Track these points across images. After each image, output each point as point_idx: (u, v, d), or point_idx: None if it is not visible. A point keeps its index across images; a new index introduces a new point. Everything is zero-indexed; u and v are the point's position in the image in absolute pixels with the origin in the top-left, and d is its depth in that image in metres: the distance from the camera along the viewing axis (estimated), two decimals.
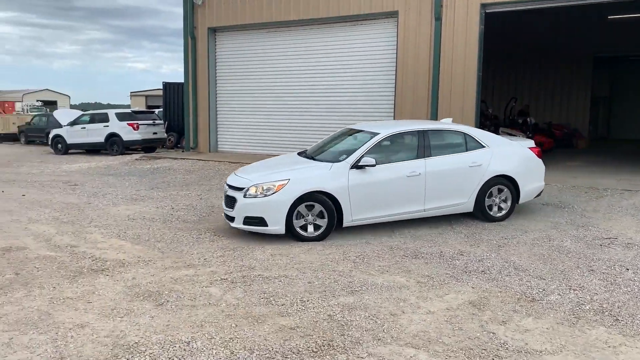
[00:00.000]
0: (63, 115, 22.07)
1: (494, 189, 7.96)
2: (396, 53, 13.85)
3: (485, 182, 7.82)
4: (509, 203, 8.08)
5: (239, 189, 7.19)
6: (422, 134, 7.75)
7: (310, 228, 7.10)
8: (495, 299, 4.98)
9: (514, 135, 14.24)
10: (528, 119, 18.36)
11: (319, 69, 15.56)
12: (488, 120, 17.30)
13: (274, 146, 16.24)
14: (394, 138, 7.82)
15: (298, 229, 7.04)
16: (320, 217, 7.09)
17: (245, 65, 16.64)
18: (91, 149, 20.46)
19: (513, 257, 6.28)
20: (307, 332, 4.30)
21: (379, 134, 7.60)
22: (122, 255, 6.47)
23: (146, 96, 70.61)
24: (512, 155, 8.16)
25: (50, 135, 20.89)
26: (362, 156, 7.26)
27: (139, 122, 19.76)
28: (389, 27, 14.14)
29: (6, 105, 59.32)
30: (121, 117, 19.85)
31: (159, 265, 6.07)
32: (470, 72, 12.91)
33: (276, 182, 7.07)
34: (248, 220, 7.08)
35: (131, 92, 74.23)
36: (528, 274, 5.66)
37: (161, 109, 24.49)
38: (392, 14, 13.85)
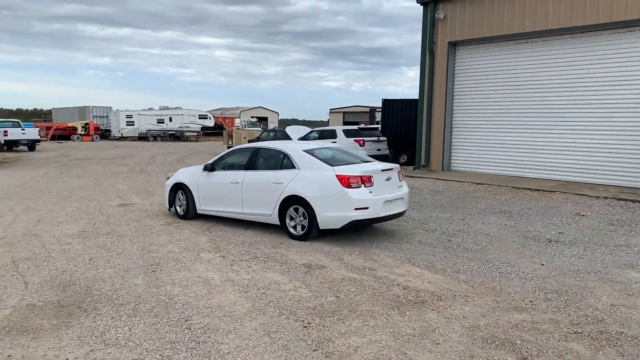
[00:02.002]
0: (294, 131, 23.51)
1: (292, 209, 8.18)
2: None
3: (283, 199, 8.22)
4: (307, 224, 8.03)
5: None
6: (256, 150, 9.11)
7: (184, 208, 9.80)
8: None
9: None
10: None
11: (574, 83, 13.87)
12: None
13: (515, 167, 14.93)
14: (240, 151, 9.49)
15: (177, 209, 9.93)
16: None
17: (485, 80, 15.65)
18: None
19: None
20: None
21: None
22: (429, 286, 5.97)
23: (344, 113, 73.82)
24: (314, 179, 8.06)
25: None
26: (210, 162, 9.52)
27: (365, 138, 20.02)
28: None
29: (226, 120, 66.93)
30: (348, 133, 20.33)
31: (481, 303, 5.41)
32: None
33: (170, 173, 10.76)
34: None
35: (330, 109, 78.38)
36: None
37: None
38: None
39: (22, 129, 31.95)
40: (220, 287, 5.83)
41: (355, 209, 7.74)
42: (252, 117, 72.21)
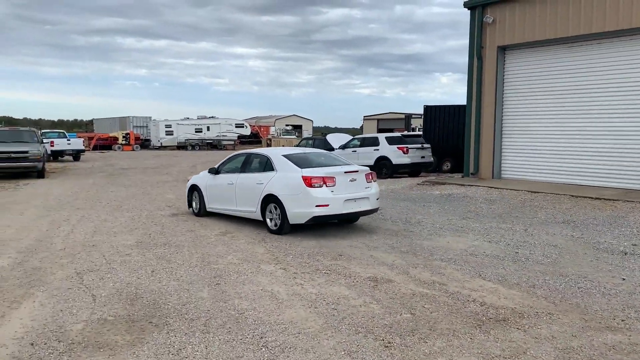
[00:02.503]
0: (335, 139, 23.34)
1: (271, 206, 9.17)
2: None
3: (263, 198, 9.27)
4: (280, 220, 9.04)
5: None
6: (249, 155, 10.38)
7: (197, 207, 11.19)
8: None
9: None
10: None
11: (631, 86, 13.23)
12: None
13: (570, 174, 14.34)
14: (237, 157, 10.78)
15: (193, 207, 11.32)
16: None
17: (537, 85, 15.14)
18: None
19: None
20: None
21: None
22: (507, 302, 5.65)
23: (378, 120, 73.37)
24: (286, 180, 9.04)
25: None
26: (215, 167, 10.87)
27: (408, 145, 19.66)
28: None
29: (262, 129, 67.40)
30: (391, 140, 20.01)
31: (567, 322, 5.06)
32: None
33: (189, 176, 12.45)
34: None
35: (364, 116, 78.03)
36: None
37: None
38: None
39: (68, 140, 32.81)
40: (288, 302, 5.65)
41: (316, 206, 8.66)
42: (286, 125, 72.57)
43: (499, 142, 15.89)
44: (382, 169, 19.83)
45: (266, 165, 9.60)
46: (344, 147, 21.45)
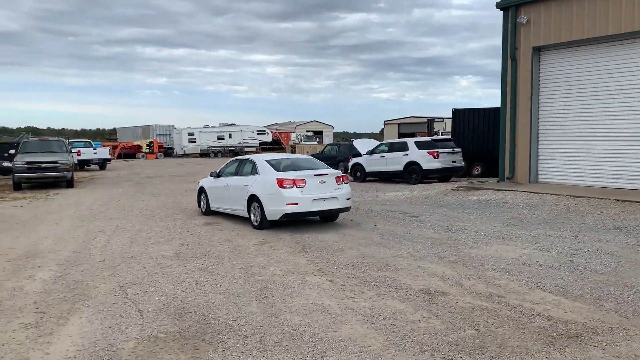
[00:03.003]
0: (362, 144, 23.07)
1: (254, 204, 10.33)
2: None
3: (248, 197, 10.50)
4: (260, 217, 10.19)
5: None
6: (242, 160, 11.64)
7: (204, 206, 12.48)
8: None
9: None
10: None
11: None
12: None
13: (612, 177, 13.82)
14: (233, 162, 12.00)
15: (201, 207, 12.61)
16: None
17: (574, 86, 14.67)
18: (386, 177, 20.73)
19: None
20: None
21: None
22: (575, 316, 5.30)
23: (399, 124, 72.82)
24: (265, 182, 10.23)
25: (350, 164, 21.89)
26: (217, 171, 12.13)
27: (439, 150, 19.27)
28: None
29: (282, 135, 67.37)
30: (421, 145, 19.64)
31: None
32: None
33: (199, 179, 14.13)
34: None
35: (385, 121, 77.54)
36: None
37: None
38: None
39: (94, 149, 33.15)
40: (342, 317, 5.39)
41: (287, 204, 9.78)
42: (307, 131, 72.47)
43: (535, 145, 15.42)
44: (412, 174, 19.48)
45: (252, 169, 10.85)
46: (371, 152, 21.16)
